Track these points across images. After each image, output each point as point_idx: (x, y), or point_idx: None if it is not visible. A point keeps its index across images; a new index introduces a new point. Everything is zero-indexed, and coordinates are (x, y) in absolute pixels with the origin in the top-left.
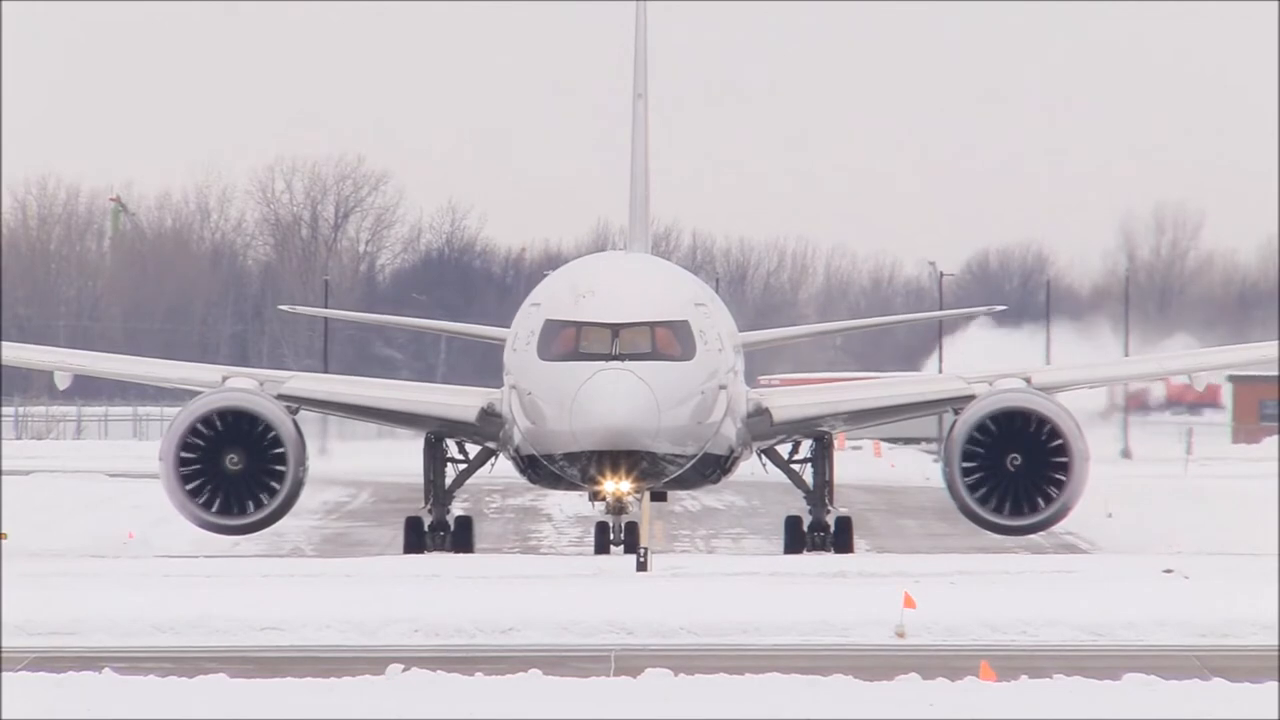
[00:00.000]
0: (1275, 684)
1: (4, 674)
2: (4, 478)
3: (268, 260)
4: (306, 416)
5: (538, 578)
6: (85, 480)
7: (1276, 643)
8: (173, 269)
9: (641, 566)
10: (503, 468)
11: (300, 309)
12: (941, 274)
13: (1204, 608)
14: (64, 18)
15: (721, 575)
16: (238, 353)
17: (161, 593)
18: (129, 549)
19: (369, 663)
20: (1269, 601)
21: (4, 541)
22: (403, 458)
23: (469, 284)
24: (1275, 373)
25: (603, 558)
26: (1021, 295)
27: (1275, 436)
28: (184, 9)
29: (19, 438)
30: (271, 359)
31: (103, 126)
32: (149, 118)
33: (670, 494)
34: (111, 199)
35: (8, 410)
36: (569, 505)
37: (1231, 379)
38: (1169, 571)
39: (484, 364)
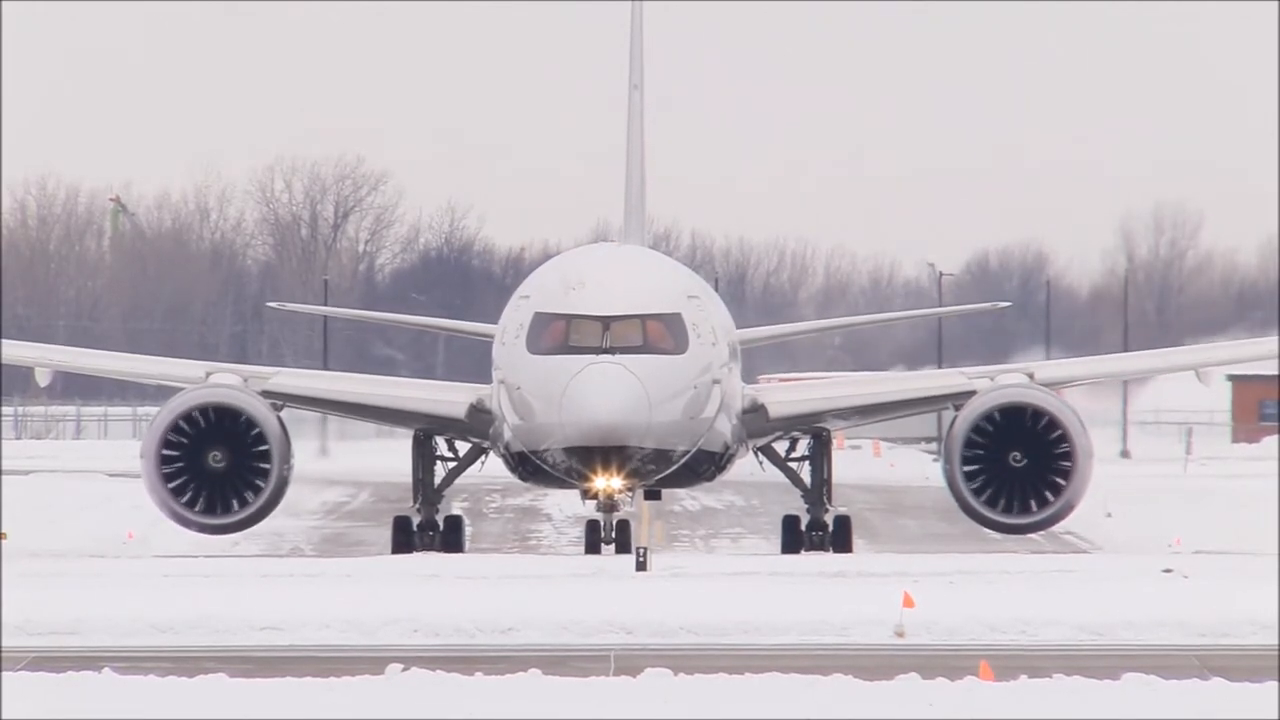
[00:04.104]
0: (1275, 684)
1: (4, 674)
2: (4, 478)
3: (267, 260)
4: (306, 417)
5: (537, 577)
6: (85, 480)
7: (1276, 643)
8: (172, 269)
9: (641, 566)
10: (495, 466)
11: (291, 305)
12: (941, 274)
13: (1203, 607)
14: (64, 18)
15: (721, 575)
16: (237, 352)
17: (161, 593)
18: (129, 549)
19: (368, 662)
20: (1269, 601)
21: (4, 541)
22: (402, 457)
23: (468, 284)
24: (1275, 372)
25: (598, 557)
26: (1021, 295)
27: (1275, 436)
28: (184, 9)
29: (19, 438)
30: (271, 359)
31: (103, 126)
32: (149, 118)
33: (667, 493)
34: (111, 199)
35: (8, 410)
36: (568, 505)
37: (1231, 379)
38: (1168, 571)
39: (483, 363)
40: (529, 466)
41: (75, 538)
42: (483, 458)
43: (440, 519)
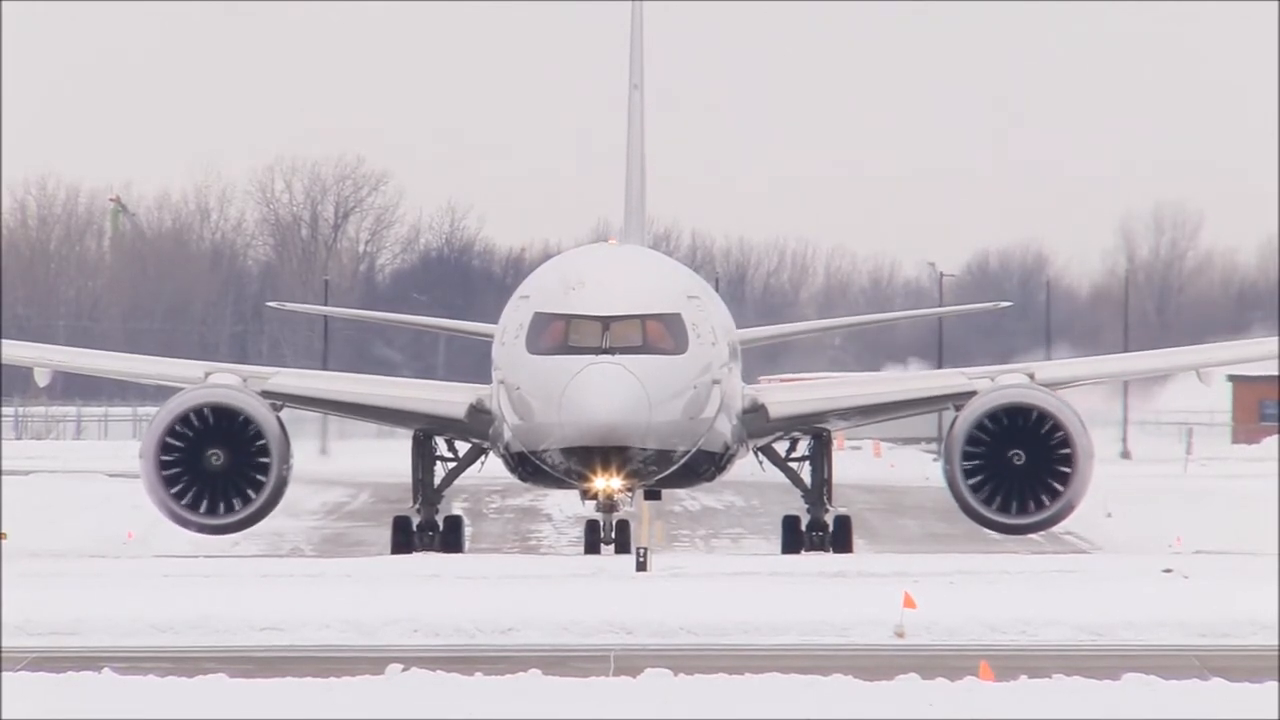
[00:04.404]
0: (1275, 684)
1: (4, 674)
2: (4, 478)
3: (267, 260)
4: (306, 417)
5: (537, 578)
6: (85, 480)
7: (1276, 643)
8: (172, 269)
9: (641, 566)
10: (495, 466)
11: (291, 305)
12: (941, 274)
13: (1204, 608)
14: (64, 18)
15: (721, 575)
16: (237, 352)
17: (161, 593)
18: (129, 549)
19: (368, 663)
20: (1269, 601)
21: (4, 541)
22: (402, 457)
23: (468, 284)
24: (1275, 372)
25: (597, 557)
26: (1021, 295)
27: (1275, 436)
28: (184, 9)
29: (19, 438)
30: (271, 359)
31: (102, 126)
32: (149, 118)
33: (667, 493)
34: (111, 199)
35: (8, 410)
36: (568, 505)
37: (1231, 379)
38: (1168, 571)
39: (483, 363)
40: (529, 467)
41: (75, 538)
42: (482, 458)
43: (440, 519)
